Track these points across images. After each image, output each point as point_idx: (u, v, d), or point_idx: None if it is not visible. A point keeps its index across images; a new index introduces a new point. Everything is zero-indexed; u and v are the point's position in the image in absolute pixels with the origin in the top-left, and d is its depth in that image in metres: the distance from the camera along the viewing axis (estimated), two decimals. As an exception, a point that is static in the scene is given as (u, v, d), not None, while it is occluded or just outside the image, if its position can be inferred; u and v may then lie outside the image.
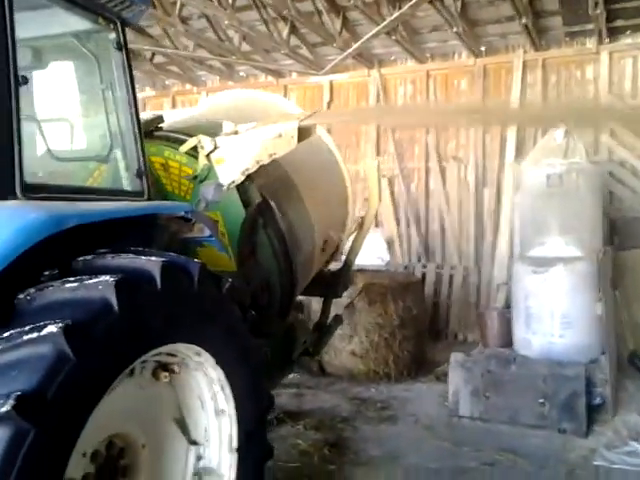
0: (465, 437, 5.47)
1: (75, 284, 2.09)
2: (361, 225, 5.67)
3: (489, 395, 5.72)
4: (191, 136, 3.75)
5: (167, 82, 13.22)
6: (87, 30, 2.79)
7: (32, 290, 2.07)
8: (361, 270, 9.53)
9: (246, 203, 3.69)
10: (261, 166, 3.71)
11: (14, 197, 2.19)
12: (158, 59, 11.91)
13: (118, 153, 2.84)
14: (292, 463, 4.89)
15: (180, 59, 11.69)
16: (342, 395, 6.84)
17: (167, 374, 2.62)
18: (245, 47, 11.02)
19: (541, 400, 5.50)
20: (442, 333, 10.01)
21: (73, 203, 2.36)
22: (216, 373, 2.77)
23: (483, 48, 10.60)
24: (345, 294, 6.13)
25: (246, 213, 3.67)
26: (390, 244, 11.26)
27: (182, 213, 2.85)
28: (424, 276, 10.57)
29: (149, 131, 3.88)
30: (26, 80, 2.25)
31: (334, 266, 5.91)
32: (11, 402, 1.73)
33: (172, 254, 2.55)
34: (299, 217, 4.22)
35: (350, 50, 10.17)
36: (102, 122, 2.81)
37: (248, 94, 5.41)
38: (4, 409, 1.72)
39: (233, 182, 3.50)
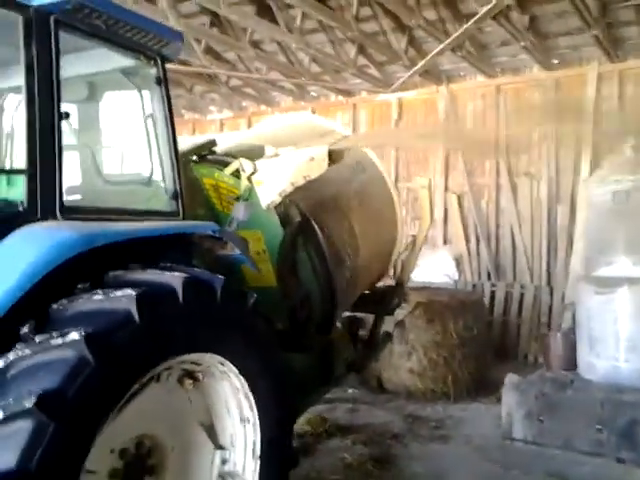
0: (515, 460, 5.36)
1: (102, 296, 2.35)
2: (413, 243, 5.73)
3: (543, 419, 5.57)
4: (237, 159, 4.00)
5: (244, 104, 13.78)
6: (132, 66, 3.10)
7: (64, 301, 2.34)
8: (421, 288, 9.53)
9: (285, 222, 3.89)
10: (305, 187, 3.90)
11: (54, 217, 2.49)
12: (234, 82, 12.47)
13: (157, 177, 3.12)
14: (335, 475, 4.99)
15: (254, 82, 12.18)
16: (396, 412, 6.86)
17: (191, 382, 2.83)
18: (315, 68, 11.35)
19: (598, 426, 5.30)
20: (511, 354, 9.75)
21: (105, 223, 2.64)
22: (240, 382, 2.95)
23: (555, 61, 10.36)
24: (401, 311, 6.19)
25: (285, 232, 3.86)
26: (459, 262, 11.15)
27: (210, 232, 3.08)
28: (493, 295, 10.40)
29: (203, 154, 4.19)
30: (67, 115, 2.56)
31: (387, 283, 5.99)
32: (33, 399, 1.98)
33: (197, 270, 2.77)
34: (342, 236, 4.36)
35: (416, 68, 10.26)
36: (143, 149, 3.10)
37: (300, 118, 5.64)
38: (28, 404, 1.98)
39: (272, 202, 3.71)
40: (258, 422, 3.05)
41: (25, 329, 2.22)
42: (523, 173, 10.62)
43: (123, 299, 2.32)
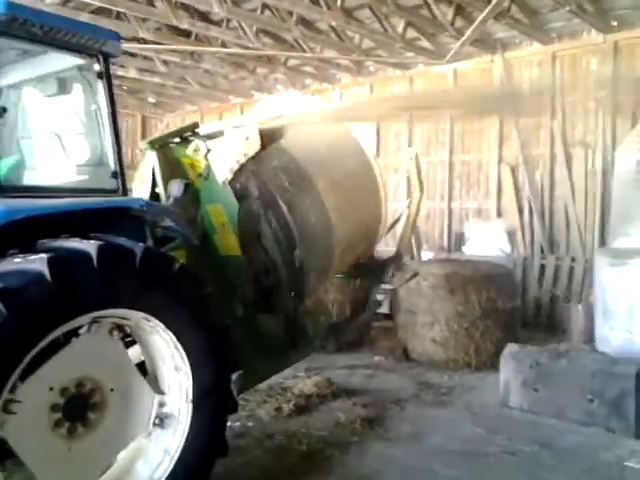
0: (505, 427, 5.48)
1: (21, 259, 2.89)
2: (408, 215, 5.92)
3: (538, 388, 5.63)
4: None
5: (307, 82, 14.17)
6: (80, 64, 3.61)
7: (-7, 263, 2.90)
8: (445, 260, 9.58)
9: (243, 196, 4.29)
10: (269, 161, 4.28)
11: None
12: (292, 62, 12.90)
13: (98, 159, 3.63)
14: (322, 432, 5.38)
15: (311, 61, 12.53)
16: (412, 379, 7.10)
17: (119, 333, 3.34)
18: (369, 44, 11.51)
19: (589, 397, 5.30)
20: (558, 328, 9.58)
21: (37, 200, 3.18)
22: (168, 336, 3.42)
23: (614, 23, 9.84)
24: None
25: (241, 205, 4.26)
26: (512, 235, 10.98)
27: (138, 206, 3.55)
28: (543, 268, 10.21)
29: (184, 136, 4.66)
30: (5, 110, 3.10)
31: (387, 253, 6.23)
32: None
33: (122, 239, 3.24)
34: (310, 209, 4.69)
35: (464, 38, 10.16)
36: (88, 135, 3.62)
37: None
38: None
39: (226, 178, 4.13)
40: (190, 371, 3.51)
41: (-40, 286, 2.81)
42: (578, 142, 10.24)
43: (37, 261, 2.84)
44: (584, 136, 10.19)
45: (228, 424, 5.43)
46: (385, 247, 6.83)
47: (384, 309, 9.51)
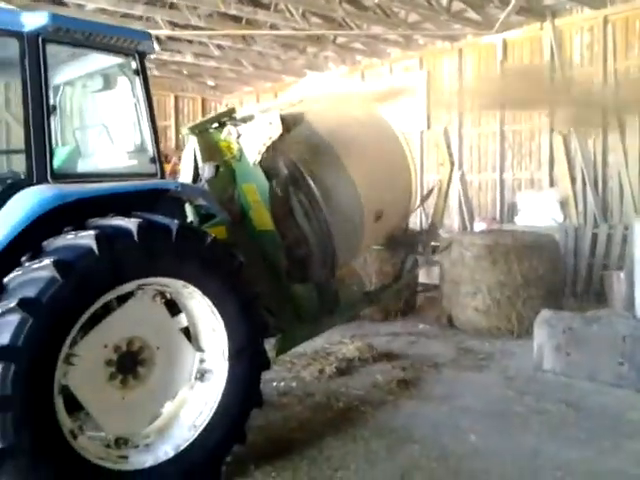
0: (535, 389, 5.69)
1: (73, 235, 3.39)
2: (440, 188, 6.15)
3: (570, 352, 5.79)
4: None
5: (358, 58, 14.33)
6: (120, 63, 4.09)
7: (51, 239, 3.40)
8: (488, 231, 9.66)
9: (273, 175, 4.67)
10: (299, 141, 4.65)
11: (46, 182, 3.58)
12: (341, 40, 13.10)
13: (138, 146, 4.10)
14: (359, 391, 5.77)
15: (360, 37, 12.70)
16: (452, 346, 7.36)
17: (161, 299, 3.83)
18: (416, 17, 11.57)
19: (620, 360, 5.43)
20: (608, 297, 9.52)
21: (86, 184, 3.67)
22: (205, 301, 3.88)
23: (671, -20, 9.51)
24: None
25: (272, 183, 4.65)
26: (564, 204, 10.89)
27: (173, 188, 3.99)
28: (595, 237, 10.11)
29: (222, 121, 5.09)
30: (55, 108, 3.60)
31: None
32: (16, 301, 3.09)
33: (161, 217, 3.69)
34: (338, 183, 5.02)
35: (510, 6, 10.10)
36: (129, 124, 4.10)
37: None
38: (13, 305, 3.09)
39: (255, 160, 4.52)
40: (225, 332, 3.96)
41: (24, 258, 3.34)
42: (631, 108, 9.99)
43: (87, 237, 3.33)
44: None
45: (273, 384, 5.99)
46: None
47: (432, 279, 9.79)
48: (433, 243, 6.55)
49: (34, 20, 3.54)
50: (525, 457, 4.37)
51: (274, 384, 6.00)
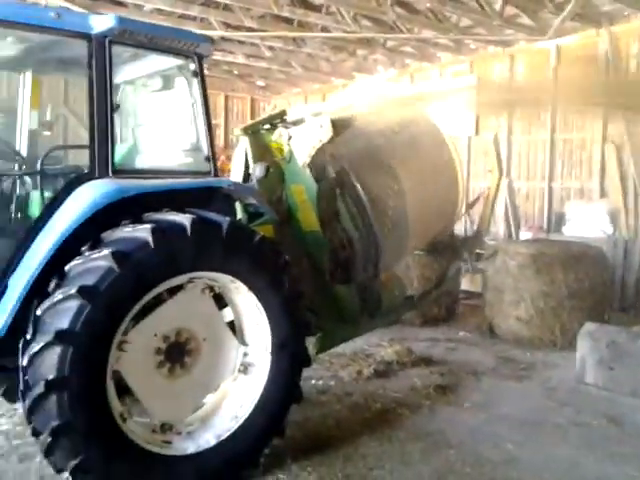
0: (576, 401, 5.63)
1: (131, 228, 3.56)
2: (487, 195, 6.14)
3: (613, 366, 5.70)
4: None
5: (407, 61, 14.32)
6: (179, 65, 4.25)
7: (110, 231, 3.58)
8: (534, 240, 9.53)
9: (320, 177, 4.77)
10: (348, 145, 4.74)
11: (107, 176, 3.76)
12: (391, 43, 13.14)
13: (194, 145, 4.25)
14: (397, 394, 5.81)
15: (410, 41, 12.70)
16: (493, 354, 7.31)
17: (209, 292, 3.97)
18: (467, 22, 11.53)
19: (665, 377, 5.32)
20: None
21: (143, 180, 3.84)
22: (250, 296, 4.00)
23: None
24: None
25: (319, 185, 4.76)
26: (614, 216, 10.67)
27: (226, 186, 4.12)
28: (645, 250, 9.87)
29: (273, 123, 5.22)
30: (118, 107, 3.78)
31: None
32: (76, 288, 3.27)
33: (213, 214, 3.83)
34: (384, 189, 5.08)
35: (566, 12, 9.97)
36: (186, 124, 4.25)
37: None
38: (73, 291, 3.27)
39: (304, 162, 4.64)
40: (269, 327, 4.08)
41: (84, 247, 3.53)
42: (689, 119, 9.73)
43: (143, 230, 3.50)
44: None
45: (312, 382, 6.09)
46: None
47: (475, 287, 9.72)
48: (478, 250, 6.53)
49: (102, 23, 3.74)
50: (562, 469, 4.34)
51: (313, 382, 6.10)
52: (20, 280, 3.54)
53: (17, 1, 4.36)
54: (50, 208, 3.70)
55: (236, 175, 5.18)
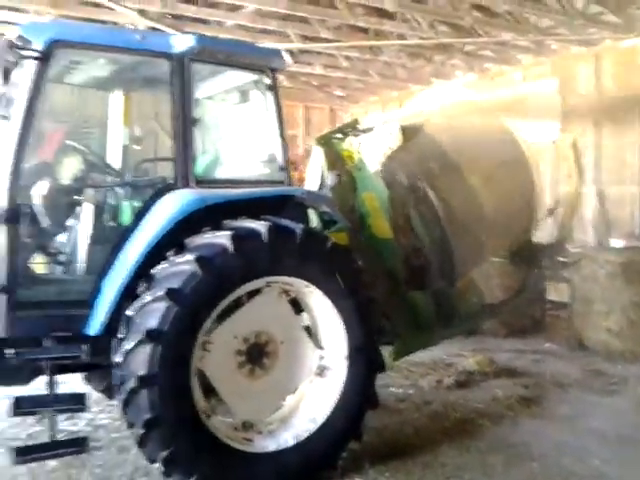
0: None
1: (211, 235, 3.74)
2: (568, 201, 5.94)
3: None
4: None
5: (486, 65, 14.06)
6: (255, 79, 4.43)
7: (193, 237, 3.76)
8: (624, 248, 9.03)
9: (391, 185, 4.80)
10: (417, 153, 4.76)
11: (189, 186, 3.97)
12: (469, 47, 12.95)
13: (269, 156, 4.41)
14: (479, 404, 5.69)
15: (489, 44, 12.48)
16: (581, 367, 6.98)
17: (285, 297, 4.08)
18: (547, 22, 11.20)
19: None
20: None
21: (222, 190, 4.02)
22: (325, 301, 4.08)
23: None
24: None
25: (391, 193, 4.78)
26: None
27: (299, 194, 4.23)
28: None
29: (346, 131, 5.31)
30: (196, 121, 3.99)
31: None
32: (164, 291, 3.47)
33: (287, 221, 3.94)
34: (457, 195, 5.03)
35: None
36: (261, 135, 4.41)
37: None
38: (161, 293, 3.48)
39: (376, 170, 4.69)
40: (344, 332, 4.14)
41: (170, 252, 3.74)
42: None
43: (223, 237, 3.66)
44: None
45: (391, 389, 6.09)
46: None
47: (560, 297, 9.35)
48: (560, 258, 6.31)
49: (182, 42, 3.98)
50: (653, 488, 4.11)
51: (392, 390, 6.09)
52: (113, 283, 3.79)
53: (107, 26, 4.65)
54: (139, 216, 3.95)
55: (311, 184, 5.30)
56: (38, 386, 3.88)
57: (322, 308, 4.14)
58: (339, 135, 5.24)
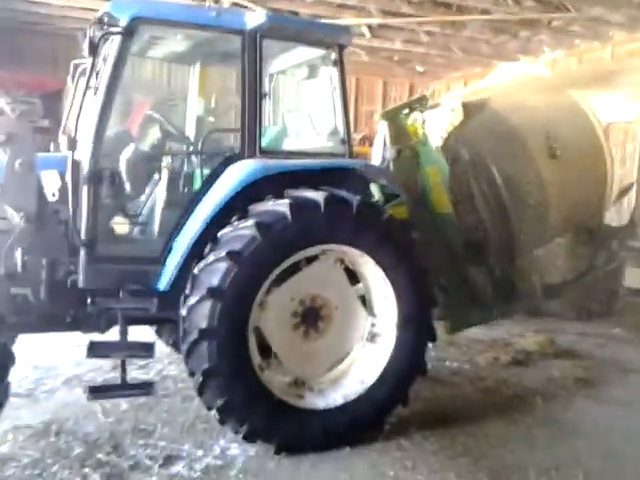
0: None
1: (272, 202, 3.99)
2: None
3: None
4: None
5: (576, 42, 13.49)
6: (322, 55, 4.60)
7: (255, 205, 4.03)
8: None
9: (453, 160, 4.87)
10: (481, 129, 4.80)
11: (255, 156, 4.23)
12: (557, 22, 12.47)
13: (332, 129, 4.56)
14: (533, 384, 5.71)
15: (579, 20, 11.96)
16: (642, 351, 6.84)
17: (341, 265, 4.29)
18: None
19: None
20: None
21: (285, 160, 4.25)
22: (378, 270, 4.26)
23: None
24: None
25: (452, 168, 4.85)
26: None
27: (359, 167, 4.38)
28: None
29: (413, 107, 5.41)
30: (266, 95, 4.21)
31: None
32: (225, 252, 3.77)
33: (344, 192, 4.13)
34: (522, 172, 5.03)
35: None
36: (325, 109, 4.58)
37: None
38: (223, 254, 3.78)
39: (438, 145, 4.77)
40: (396, 301, 4.31)
41: (234, 218, 4.02)
42: None
43: (283, 205, 3.91)
44: None
45: (446, 363, 6.22)
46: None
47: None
48: (632, 242, 6.14)
49: (254, 19, 4.20)
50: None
51: (447, 363, 6.22)
52: (182, 244, 4.14)
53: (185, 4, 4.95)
54: (208, 183, 4.26)
55: (376, 158, 5.45)
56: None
57: (375, 278, 4.33)
58: (405, 110, 5.34)
